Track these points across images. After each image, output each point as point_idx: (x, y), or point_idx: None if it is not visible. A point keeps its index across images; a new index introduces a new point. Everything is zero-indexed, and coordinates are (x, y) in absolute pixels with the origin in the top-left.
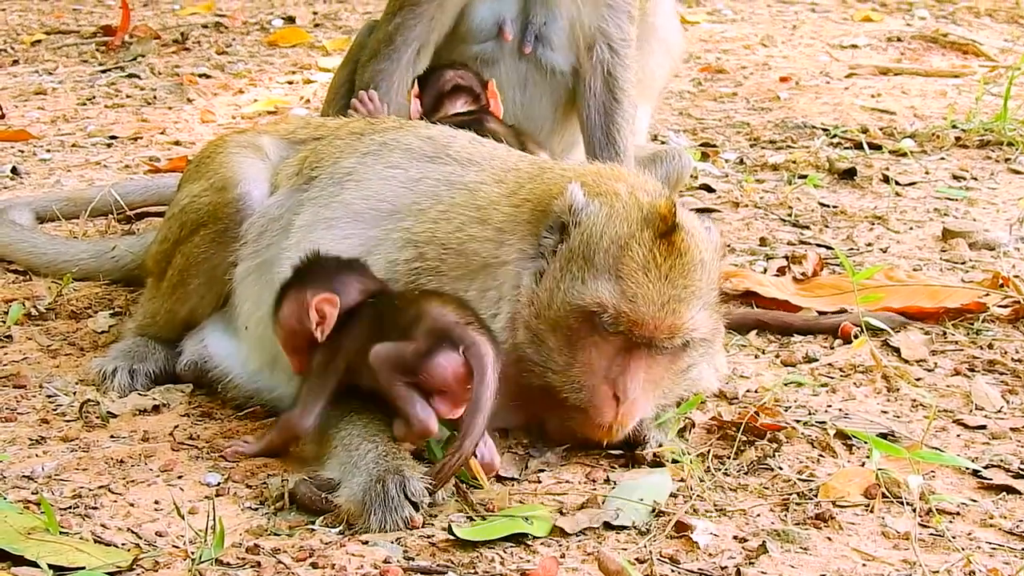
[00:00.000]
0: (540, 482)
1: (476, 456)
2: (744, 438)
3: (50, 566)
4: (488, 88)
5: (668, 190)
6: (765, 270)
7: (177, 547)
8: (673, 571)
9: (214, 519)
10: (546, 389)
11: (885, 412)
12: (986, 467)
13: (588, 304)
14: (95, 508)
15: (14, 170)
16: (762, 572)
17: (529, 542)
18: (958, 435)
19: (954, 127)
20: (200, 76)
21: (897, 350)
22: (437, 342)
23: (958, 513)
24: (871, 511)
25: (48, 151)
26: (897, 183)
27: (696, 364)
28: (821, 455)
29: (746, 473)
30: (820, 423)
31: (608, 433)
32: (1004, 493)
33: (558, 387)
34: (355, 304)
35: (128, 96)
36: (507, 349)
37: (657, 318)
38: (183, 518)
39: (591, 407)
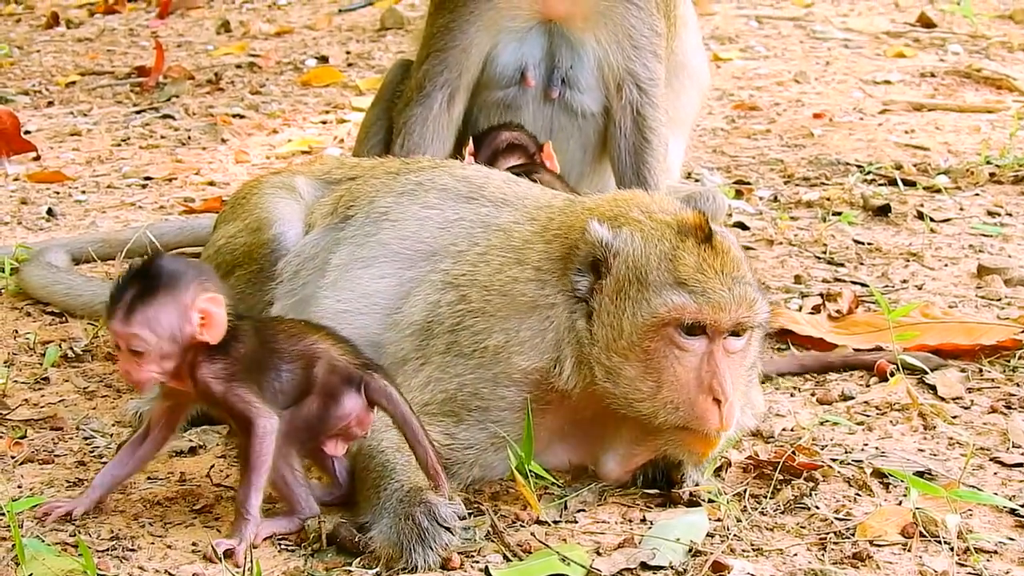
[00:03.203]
0: (577, 522)
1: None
2: (781, 477)
3: None
4: (544, 150)
5: (678, 204)
6: (800, 308)
7: None
8: None
9: (251, 561)
10: (632, 421)
11: (922, 450)
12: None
13: (664, 316)
14: (133, 550)
15: (50, 211)
16: None
17: None
18: (995, 473)
19: (988, 163)
20: (234, 116)
21: (933, 388)
22: (338, 388)
23: (996, 552)
24: (908, 550)
25: (83, 192)
26: (932, 220)
27: (755, 362)
28: (858, 494)
29: (783, 512)
30: (857, 462)
31: (714, 442)
32: None
33: (650, 413)
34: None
35: (162, 137)
36: (576, 391)
37: (732, 304)
38: (220, 560)
39: (694, 420)
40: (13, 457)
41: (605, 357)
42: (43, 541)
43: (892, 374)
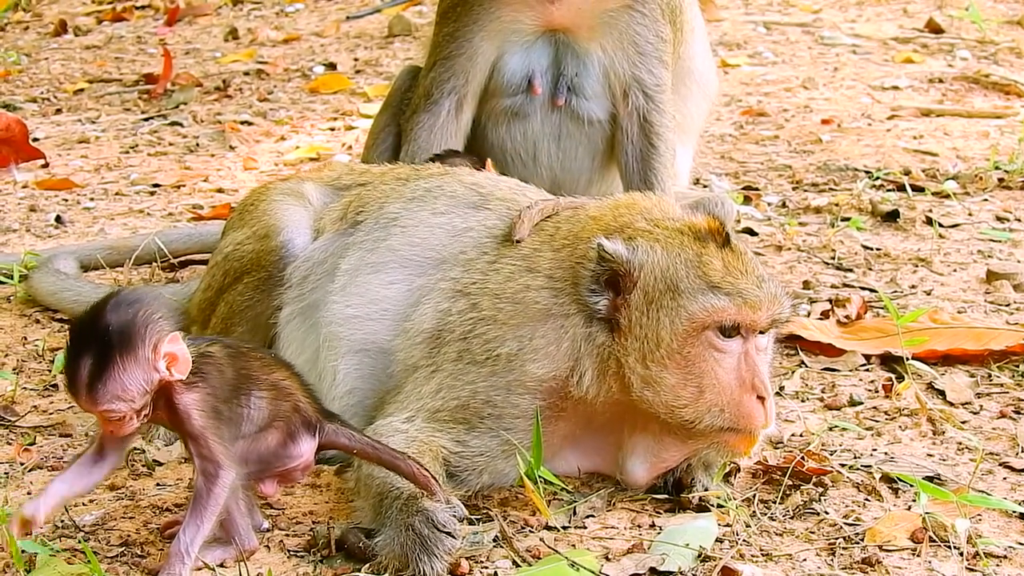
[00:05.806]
0: (586, 527)
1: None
2: (790, 482)
3: None
4: (487, 166)
5: (679, 209)
6: (809, 314)
7: None
8: None
9: (250, 569)
10: (655, 425)
11: (931, 455)
12: None
13: (704, 320)
14: (142, 556)
15: (58, 219)
16: None
17: None
18: (1004, 478)
19: (997, 168)
20: (242, 123)
21: (942, 393)
22: (298, 429)
23: (1005, 556)
24: (918, 555)
25: (92, 199)
26: (940, 225)
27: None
28: (867, 499)
29: (792, 518)
30: (866, 467)
31: (755, 440)
32: None
33: (693, 418)
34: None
35: (171, 144)
36: (598, 400)
37: (765, 301)
38: (215, 568)
39: (740, 420)
40: (22, 464)
41: (641, 368)
42: (51, 547)
43: (901, 379)
